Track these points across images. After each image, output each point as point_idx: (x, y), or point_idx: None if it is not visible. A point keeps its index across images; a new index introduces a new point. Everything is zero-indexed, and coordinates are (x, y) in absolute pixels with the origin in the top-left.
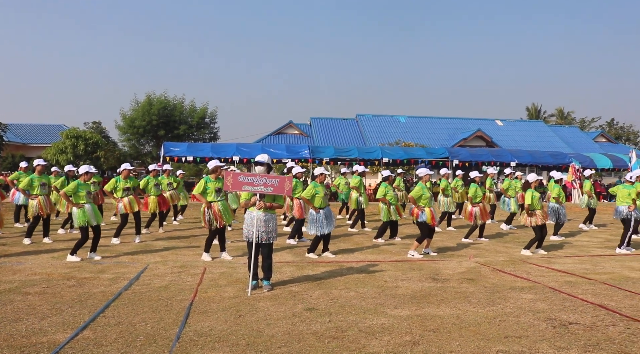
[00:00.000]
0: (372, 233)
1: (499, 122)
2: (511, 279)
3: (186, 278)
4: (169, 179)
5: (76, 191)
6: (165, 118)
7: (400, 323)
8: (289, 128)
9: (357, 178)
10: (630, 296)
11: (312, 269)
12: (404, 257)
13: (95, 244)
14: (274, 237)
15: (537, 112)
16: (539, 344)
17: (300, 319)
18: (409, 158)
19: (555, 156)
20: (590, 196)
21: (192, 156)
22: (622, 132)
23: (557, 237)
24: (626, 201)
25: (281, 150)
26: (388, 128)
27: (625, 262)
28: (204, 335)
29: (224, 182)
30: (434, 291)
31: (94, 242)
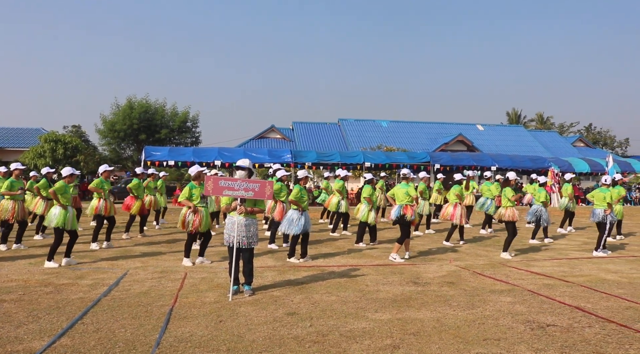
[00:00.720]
0: (353, 237)
1: (479, 127)
2: (491, 282)
3: (166, 283)
4: (154, 184)
5: (63, 192)
6: (146, 122)
7: (381, 327)
8: (271, 132)
9: (340, 182)
10: (605, 297)
11: (294, 274)
12: (385, 262)
13: (70, 248)
14: (255, 242)
15: (517, 117)
16: (517, 346)
17: (282, 324)
18: (391, 162)
19: (535, 160)
20: (571, 198)
21: (174, 160)
22: (600, 137)
23: (536, 240)
24: (603, 205)
25: (263, 154)
26: (370, 133)
27: (602, 265)
28: (184, 341)
29: (205, 187)
30: (415, 294)
31: (69, 247)
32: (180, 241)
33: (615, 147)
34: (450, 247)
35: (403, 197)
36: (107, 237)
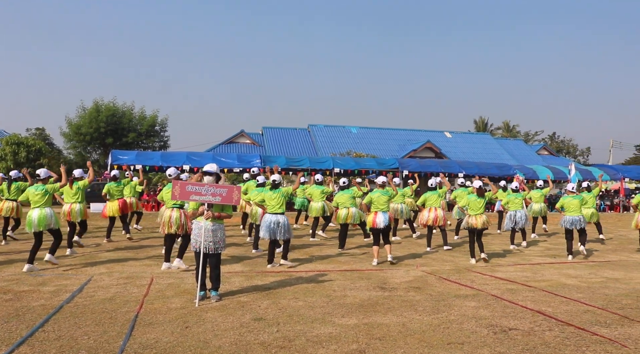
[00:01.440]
0: (331, 242)
1: (447, 134)
2: (456, 287)
3: (132, 289)
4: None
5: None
6: (113, 125)
7: (347, 332)
8: (240, 137)
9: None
10: (565, 302)
11: (261, 279)
12: (352, 267)
13: (55, 247)
14: (222, 247)
15: (484, 124)
16: (480, 350)
17: (248, 330)
18: (360, 168)
19: (501, 167)
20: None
21: (142, 164)
22: (563, 145)
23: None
24: (578, 211)
25: (232, 159)
26: (339, 138)
27: (563, 270)
28: (149, 347)
29: (172, 192)
30: (382, 299)
31: (33, 252)
32: (147, 247)
33: (578, 156)
34: (422, 254)
35: (385, 204)
36: (69, 244)
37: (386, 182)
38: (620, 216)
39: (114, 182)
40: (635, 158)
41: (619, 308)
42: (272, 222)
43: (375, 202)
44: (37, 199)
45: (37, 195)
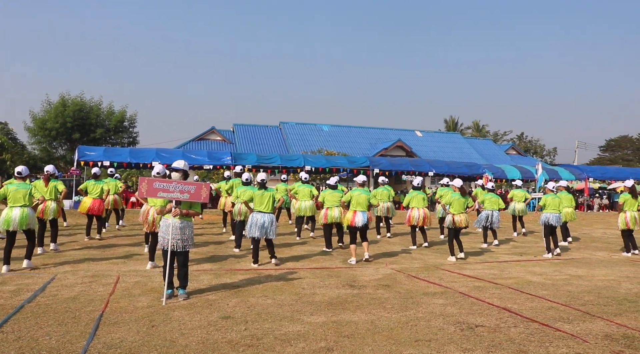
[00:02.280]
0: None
1: (418, 133)
2: (425, 285)
3: (97, 287)
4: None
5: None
6: (80, 121)
7: (316, 330)
8: (211, 134)
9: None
10: (530, 298)
11: (230, 278)
12: (322, 265)
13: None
14: (191, 245)
15: (454, 124)
16: (447, 347)
17: (216, 328)
18: (331, 166)
19: (470, 166)
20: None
21: (109, 160)
22: (531, 145)
23: (496, 241)
24: (558, 209)
25: (203, 156)
26: (311, 136)
27: (529, 268)
28: (113, 347)
29: (138, 189)
30: (350, 297)
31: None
32: (116, 246)
33: (545, 156)
34: (389, 251)
35: (364, 203)
36: (40, 243)
37: (366, 182)
38: (585, 215)
39: (93, 180)
40: (599, 159)
41: (581, 304)
42: (264, 221)
43: (355, 201)
44: (19, 197)
45: (20, 193)
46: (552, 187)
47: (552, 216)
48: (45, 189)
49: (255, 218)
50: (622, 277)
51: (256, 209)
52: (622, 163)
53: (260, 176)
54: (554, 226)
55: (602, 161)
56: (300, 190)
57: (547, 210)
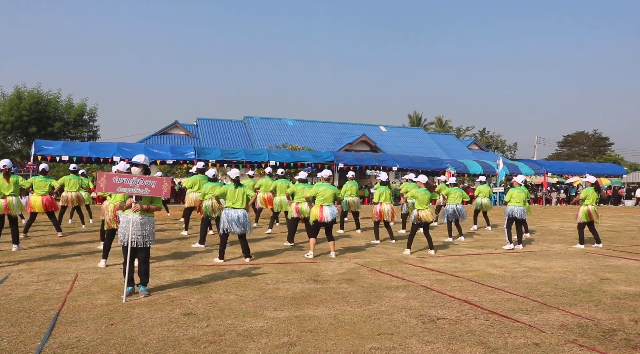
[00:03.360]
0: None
1: (382, 128)
2: (388, 278)
3: (54, 286)
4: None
5: None
6: (37, 114)
7: (279, 325)
8: (174, 128)
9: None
10: (491, 291)
11: (193, 273)
12: (286, 260)
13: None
14: (152, 241)
15: (418, 119)
16: (409, 340)
17: (177, 325)
18: (296, 161)
19: (434, 161)
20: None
21: (68, 155)
22: (492, 141)
23: (462, 238)
24: (522, 203)
25: (165, 151)
26: (275, 131)
27: (489, 260)
28: (70, 347)
29: (97, 184)
30: (314, 292)
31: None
32: (74, 243)
33: (506, 151)
34: (352, 245)
35: (331, 197)
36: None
37: (331, 176)
38: (543, 209)
39: (41, 176)
40: (557, 154)
41: (539, 295)
42: (238, 216)
43: (321, 196)
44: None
45: None
46: (520, 182)
47: (516, 209)
48: (7, 184)
49: (229, 214)
50: (578, 268)
51: (229, 206)
52: (579, 158)
53: (233, 172)
54: (517, 218)
55: (560, 156)
56: (280, 185)
57: (512, 203)
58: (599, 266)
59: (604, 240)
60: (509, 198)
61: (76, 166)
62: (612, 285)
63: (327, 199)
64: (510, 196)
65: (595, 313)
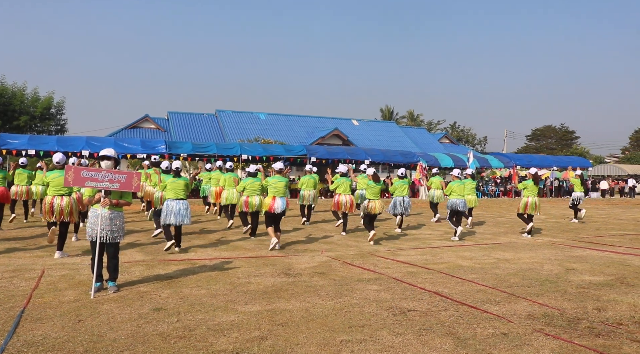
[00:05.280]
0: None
1: (355, 122)
2: (359, 271)
3: (19, 282)
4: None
5: None
6: (2, 107)
7: (250, 319)
8: (145, 122)
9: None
10: (460, 282)
11: (163, 268)
12: (258, 254)
13: None
14: (121, 236)
15: (390, 113)
16: (379, 332)
17: (147, 321)
18: (268, 155)
19: (405, 154)
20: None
21: (35, 149)
22: (463, 134)
23: (398, 229)
24: (461, 195)
25: (136, 145)
26: (248, 125)
27: (459, 253)
28: (35, 344)
29: (64, 178)
30: (286, 285)
31: None
32: (39, 237)
33: (476, 145)
34: (322, 238)
35: (283, 189)
36: None
37: (283, 169)
38: (512, 201)
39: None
40: (526, 147)
41: (507, 286)
42: (179, 208)
43: (272, 188)
44: None
45: None
46: (457, 174)
47: (458, 202)
48: None
49: (170, 205)
50: (545, 259)
51: (172, 197)
52: (547, 151)
53: (175, 163)
54: (460, 210)
55: (529, 150)
56: (227, 179)
57: (452, 196)
58: (565, 256)
59: (569, 231)
60: (449, 192)
61: (25, 161)
62: (578, 275)
63: (279, 190)
64: (451, 190)
65: (561, 302)
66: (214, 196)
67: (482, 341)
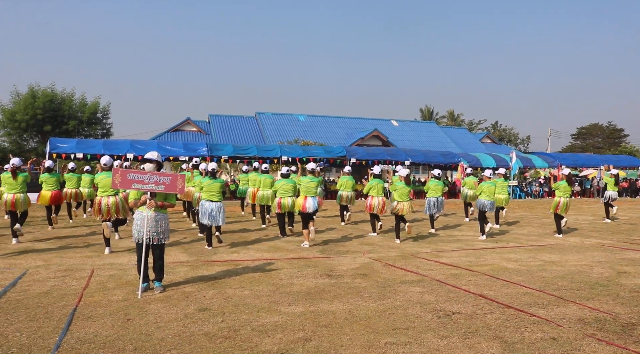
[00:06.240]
0: (269, 231)
1: (394, 123)
2: (402, 273)
3: (71, 282)
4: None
5: None
6: (52, 112)
7: (294, 320)
8: (186, 125)
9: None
10: (506, 285)
11: (207, 269)
12: (300, 255)
13: None
14: (166, 238)
15: (430, 113)
16: (424, 334)
17: (192, 320)
18: (308, 156)
19: (446, 155)
20: None
21: (82, 152)
22: (505, 134)
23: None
24: (492, 196)
25: (178, 147)
26: (287, 127)
27: (504, 255)
28: (87, 342)
29: (112, 180)
30: (328, 287)
31: None
32: (87, 236)
33: (518, 144)
34: (364, 240)
35: (314, 189)
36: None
37: (315, 169)
38: None
39: (47, 174)
40: (571, 146)
41: (555, 289)
42: (211, 209)
43: (304, 188)
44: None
45: None
46: (488, 174)
47: (486, 202)
48: (13, 182)
49: (205, 206)
50: (594, 262)
51: (207, 198)
52: (593, 150)
53: (210, 165)
54: (487, 211)
55: (574, 149)
56: (264, 180)
57: (482, 196)
58: (616, 259)
59: (620, 233)
60: (479, 192)
61: (74, 165)
62: (630, 278)
63: (310, 190)
64: (480, 190)
65: (613, 306)
66: (252, 196)
67: (530, 346)
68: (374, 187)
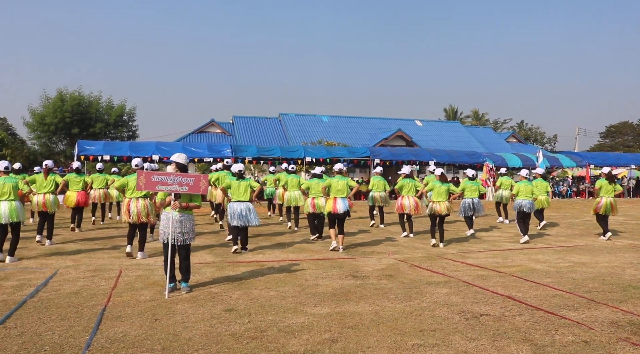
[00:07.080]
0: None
1: (418, 123)
2: (428, 274)
3: (100, 282)
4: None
5: None
6: (79, 115)
7: (320, 321)
8: (210, 127)
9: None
10: (535, 286)
11: (233, 270)
12: (325, 256)
13: (15, 247)
14: (192, 238)
15: (454, 113)
16: (452, 336)
17: (219, 321)
18: (332, 157)
19: (471, 155)
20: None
21: (109, 154)
22: (531, 133)
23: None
24: (529, 196)
25: (203, 149)
26: (311, 127)
27: (532, 255)
28: (116, 341)
29: (136, 182)
30: (354, 288)
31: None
32: (115, 238)
33: (545, 143)
34: (390, 241)
35: (343, 190)
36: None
37: (343, 170)
38: (586, 202)
39: (74, 174)
40: (599, 145)
41: (586, 291)
42: (241, 210)
43: (334, 188)
44: (5, 191)
45: (6, 187)
46: (525, 174)
47: (524, 203)
48: (44, 182)
49: (233, 207)
50: (626, 263)
51: (235, 199)
52: (623, 149)
53: (237, 166)
54: (526, 212)
55: (603, 148)
56: (289, 180)
57: (519, 197)
58: None
59: None
60: (516, 192)
61: (102, 166)
62: None
63: (340, 191)
64: (517, 190)
65: None
66: (281, 197)
67: (561, 349)
68: (405, 186)
